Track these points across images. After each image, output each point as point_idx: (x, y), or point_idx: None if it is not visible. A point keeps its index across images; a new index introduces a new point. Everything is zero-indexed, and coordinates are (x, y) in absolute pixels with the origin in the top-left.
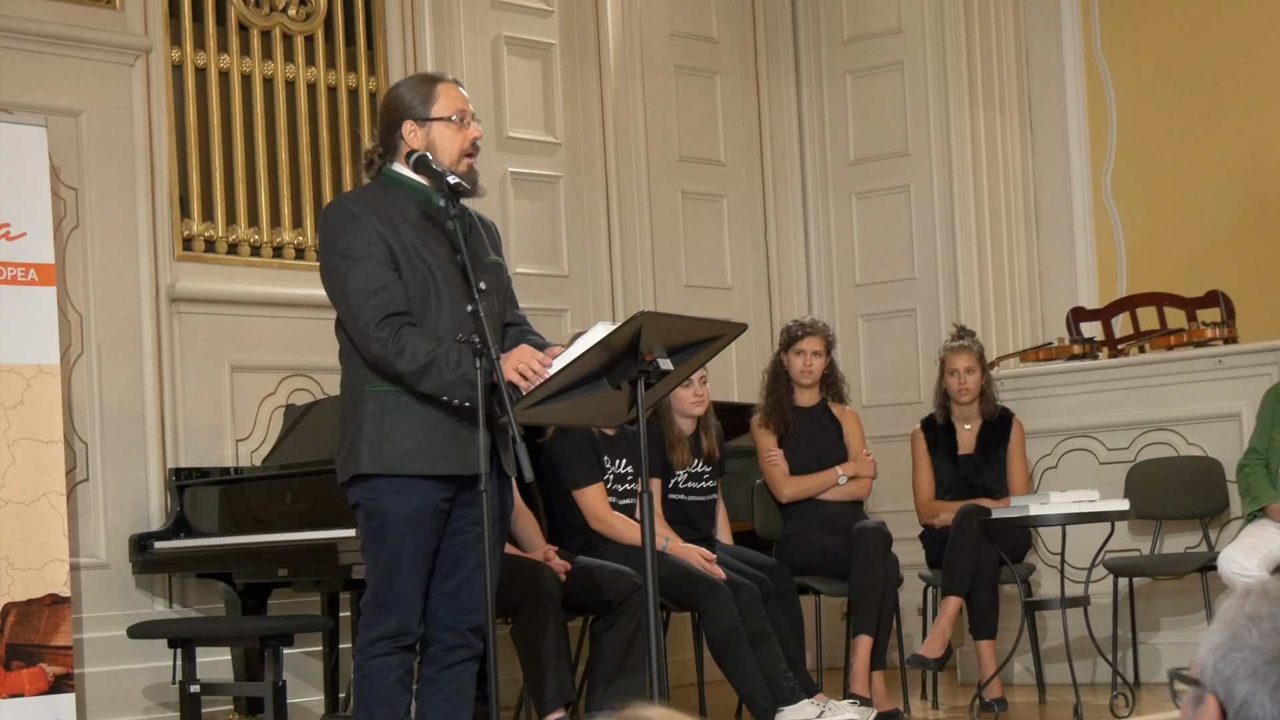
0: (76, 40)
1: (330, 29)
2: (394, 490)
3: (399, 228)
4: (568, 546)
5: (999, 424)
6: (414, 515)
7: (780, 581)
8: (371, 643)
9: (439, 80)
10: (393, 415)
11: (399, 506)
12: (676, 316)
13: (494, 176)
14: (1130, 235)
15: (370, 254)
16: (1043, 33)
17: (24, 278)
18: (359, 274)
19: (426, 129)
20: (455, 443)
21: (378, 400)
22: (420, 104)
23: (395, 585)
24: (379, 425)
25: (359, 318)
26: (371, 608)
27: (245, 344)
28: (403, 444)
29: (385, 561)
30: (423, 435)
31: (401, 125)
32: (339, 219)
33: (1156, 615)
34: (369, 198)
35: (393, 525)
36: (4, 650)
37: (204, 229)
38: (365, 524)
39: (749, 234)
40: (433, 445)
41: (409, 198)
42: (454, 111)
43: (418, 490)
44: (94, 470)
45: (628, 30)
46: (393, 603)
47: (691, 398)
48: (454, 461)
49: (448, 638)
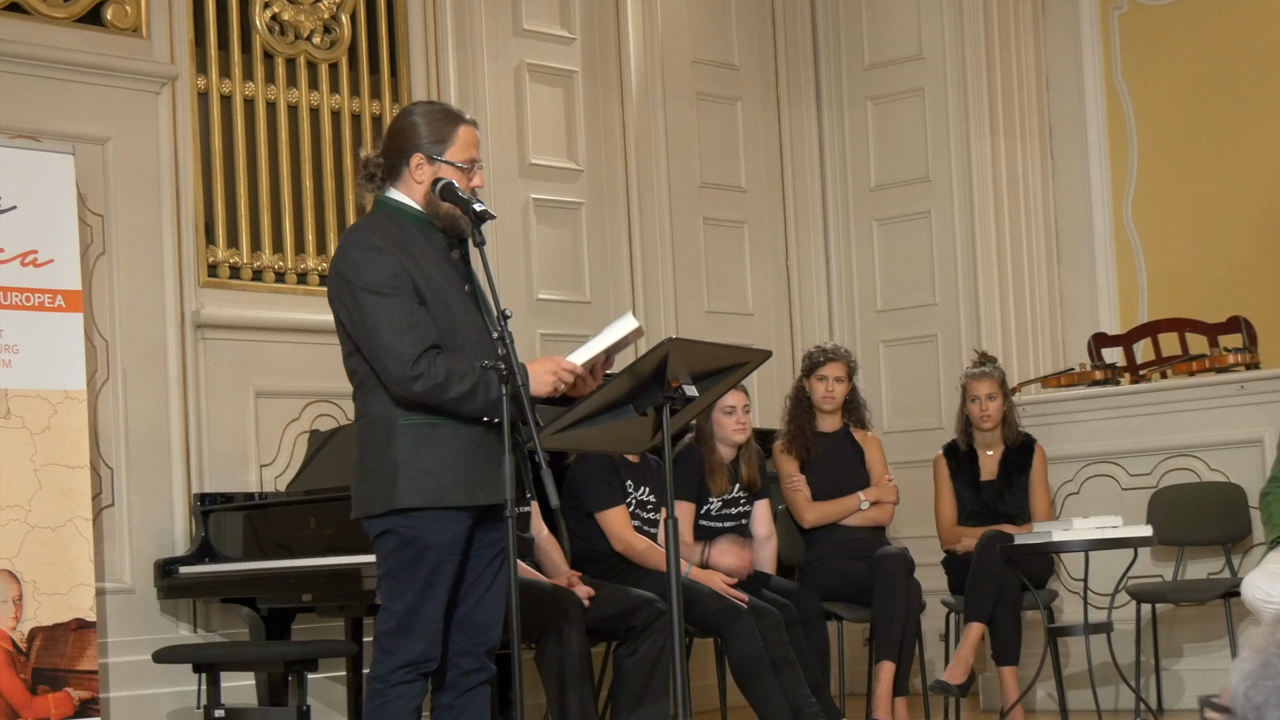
0: (103, 68)
1: (354, 57)
2: (432, 520)
3: (418, 259)
4: (591, 572)
5: (1021, 450)
6: (450, 543)
7: (806, 607)
8: (393, 670)
9: (460, 121)
10: (428, 448)
11: (437, 535)
12: (703, 343)
13: (516, 203)
14: (1151, 260)
15: (398, 288)
16: (1063, 59)
17: (51, 304)
18: (389, 310)
19: (435, 168)
20: (488, 472)
21: (412, 434)
22: (436, 141)
23: (424, 613)
24: (416, 458)
25: (395, 355)
26: (395, 635)
27: (269, 370)
28: (441, 476)
29: (419, 590)
30: (459, 467)
31: (411, 156)
32: (362, 252)
33: (1179, 641)
34: (384, 228)
35: (431, 553)
36: (30, 674)
37: (229, 255)
38: (398, 552)
39: (770, 260)
40: (468, 476)
41: (413, 227)
42: (467, 159)
43: (453, 520)
44: (119, 495)
45: (649, 57)
46: (419, 630)
47: (734, 425)
48: (489, 491)
49: (465, 662)
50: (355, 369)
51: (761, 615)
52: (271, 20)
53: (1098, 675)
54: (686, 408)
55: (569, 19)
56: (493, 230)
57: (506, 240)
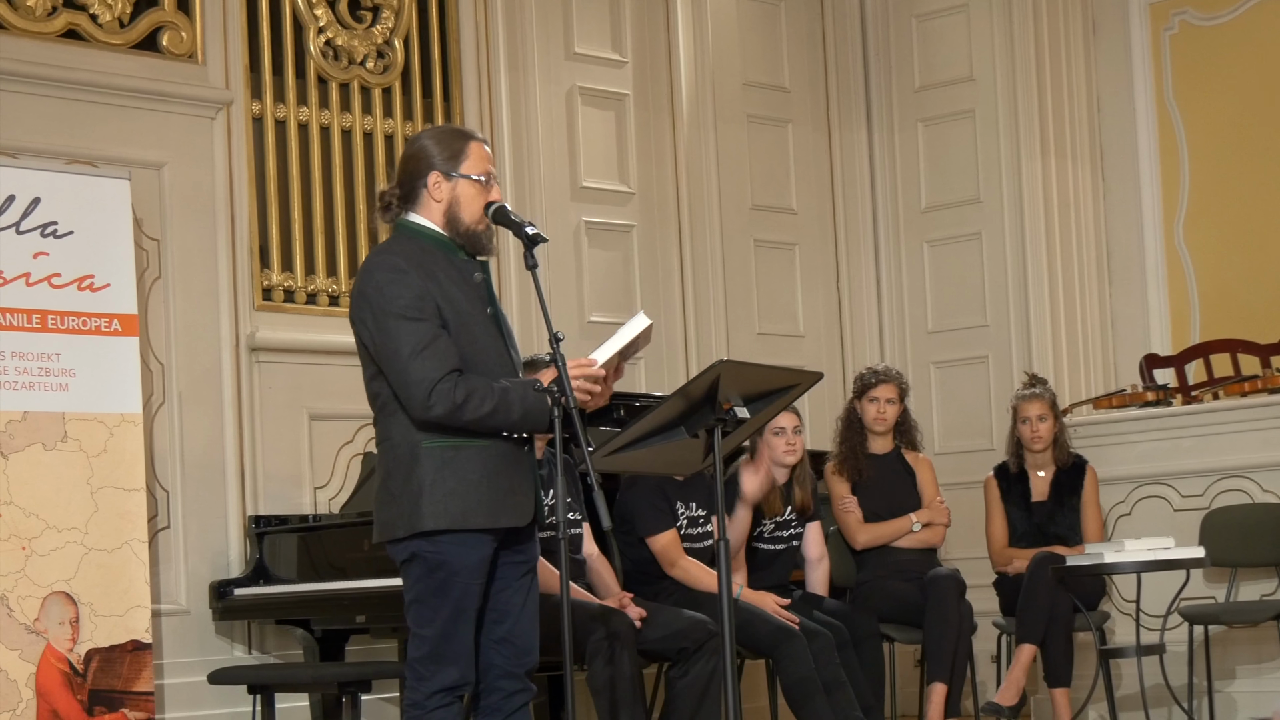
0: (159, 94)
1: (407, 81)
2: (458, 543)
3: (441, 281)
4: (642, 593)
5: (1072, 471)
6: (475, 567)
7: (861, 628)
8: (429, 695)
9: (470, 138)
10: (451, 470)
11: (464, 558)
12: (754, 365)
13: (568, 226)
14: (1203, 281)
15: (422, 311)
16: (1114, 80)
17: (107, 328)
18: (412, 333)
19: (453, 184)
20: (510, 495)
21: (434, 456)
22: (449, 158)
23: (457, 637)
24: (440, 481)
25: (416, 379)
26: (429, 661)
27: (324, 393)
28: (466, 498)
29: (448, 614)
30: (484, 489)
31: (427, 175)
32: (385, 274)
33: (1232, 663)
34: (407, 251)
35: (459, 577)
36: (87, 696)
37: (283, 279)
38: (426, 577)
39: (821, 282)
40: (491, 498)
41: (435, 250)
42: (481, 171)
43: (479, 543)
44: (175, 518)
45: (700, 80)
46: (453, 654)
47: (784, 446)
48: (511, 513)
49: (507, 684)
50: (378, 392)
51: (813, 637)
52: (325, 45)
53: (1150, 697)
54: (738, 429)
55: (620, 42)
56: (545, 253)
57: (558, 263)
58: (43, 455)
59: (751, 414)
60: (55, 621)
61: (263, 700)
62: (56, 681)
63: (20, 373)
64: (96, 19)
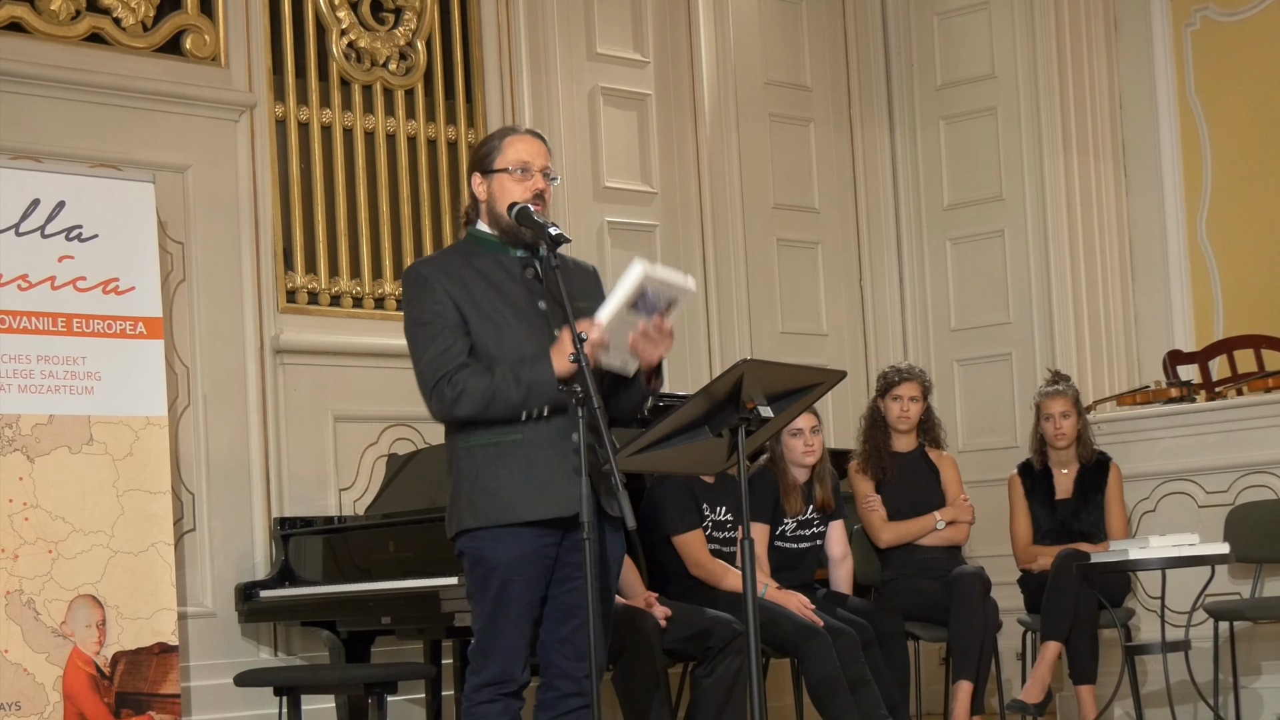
0: (183, 97)
1: (430, 83)
2: (495, 539)
3: (470, 284)
4: (668, 593)
5: (1096, 468)
6: (516, 562)
7: (886, 627)
8: (476, 689)
9: (511, 133)
10: (486, 469)
11: (501, 554)
12: (777, 364)
13: (591, 226)
14: (1226, 277)
15: (436, 316)
16: (1136, 77)
17: (132, 331)
18: (426, 338)
19: (489, 180)
20: (550, 486)
21: (470, 455)
22: (484, 156)
23: (498, 632)
24: (475, 480)
25: (421, 381)
26: (476, 655)
27: (348, 394)
28: (499, 495)
29: (489, 609)
30: (518, 483)
31: (471, 179)
32: (411, 286)
33: (1258, 659)
34: (441, 259)
35: (496, 573)
36: (114, 698)
37: (307, 281)
38: (470, 572)
39: (844, 280)
40: (527, 492)
41: (486, 254)
42: (515, 163)
43: (518, 538)
44: (200, 520)
45: (722, 80)
46: (495, 649)
47: (802, 447)
48: (550, 505)
49: (564, 685)
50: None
51: (838, 635)
52: (348, 47)
53: (1176, 694)
54: (761, 428)
55: (642, 42)
56: (567, 253)
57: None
58: (69, 458)
59: (775, 413)
60: (82, 624)
61: (289, 702)
62: (84, 684)
63: (46, 376)
64: (120, 22)
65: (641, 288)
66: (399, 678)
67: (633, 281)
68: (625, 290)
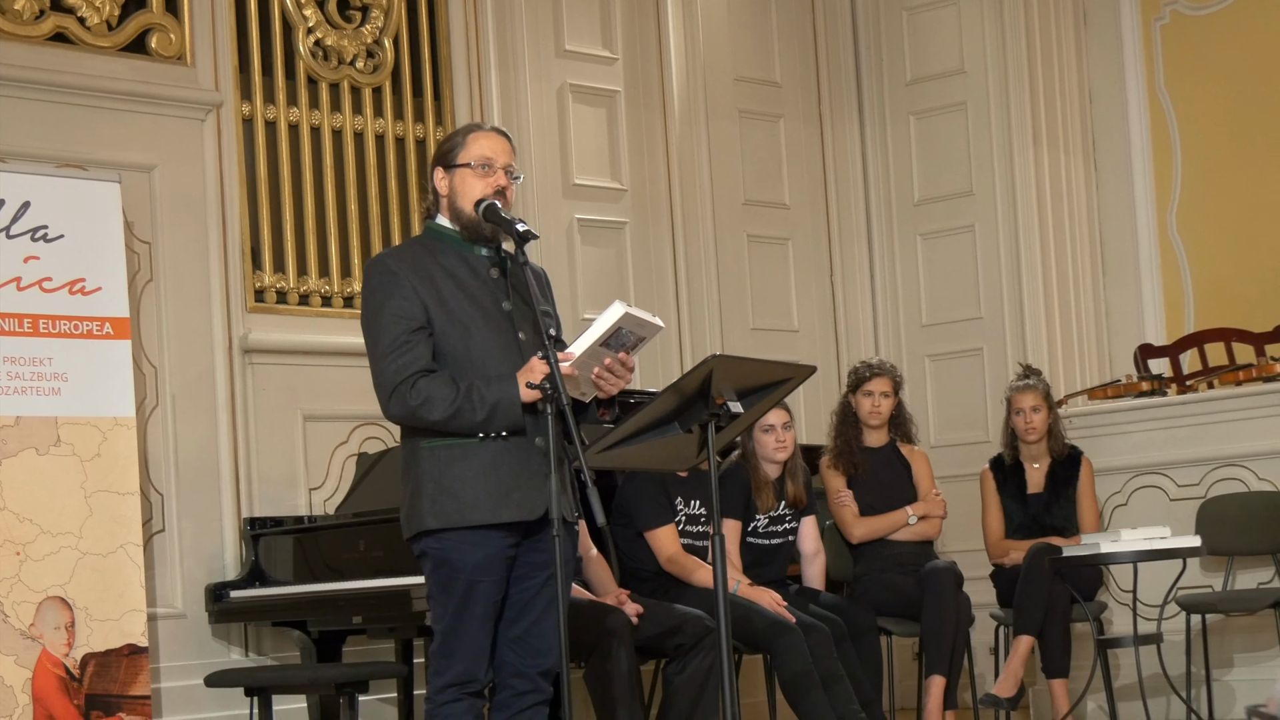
0: (149, 97)
1: (397, 81)
2: (459, 541)
3: (439, 283)
4: (640, 590)
5: (1068, 462)
6: (481, 564)
7: (859, 622)
8: (440, 690)
9: (476, 129)
10: (450, 469)
11: (465, 556)
12: (747, 360)
13: (561, 223)
14: (1197, 271)
15: (403, 314)
16: (1105, 71)
17: (99, 331)
18: (387, 334)
19: (451, 175)
20: (514, 490)
21: (433, 455)
22: (447, 151)
23: (462, 633)
24: (437, 480)
25: (378, 380)
26: (439, 655)
27: (317, 394)
28: (462, 496)
29: (453, 610)
30: (481, 486)
31: (433, 174)
32: (377, 277)
33: (1230, 652)
34: (409, 254)
35: (461, 574)
36: (84, 700)
37: (275, 280)
38: (433, 573)
39: (815, 276)
40: (492, 494)
41: (450, 250)
42: (477, 158)
43: (483, 539)
44: (170, 521)
45: (691, 76)
46: (460, 650)
47: (774, 443)
48: (515, 509)
49: (517, 683)
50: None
51: (810, 631)
52: (315, 46)
53: (1148, 687)
54: (731, 424)
55: (611, 39)
56: (537, 251)
57: (551, 261)
58: (36, 460)
59: (745, 408)
60: (51, 626)
61: (260, 702)
62: (53, 686)
63: (12, 377)
64: (84, 22)
65: (617, 326)
66: (370, 677)
67: (611, 321)
68: (602, 329)
